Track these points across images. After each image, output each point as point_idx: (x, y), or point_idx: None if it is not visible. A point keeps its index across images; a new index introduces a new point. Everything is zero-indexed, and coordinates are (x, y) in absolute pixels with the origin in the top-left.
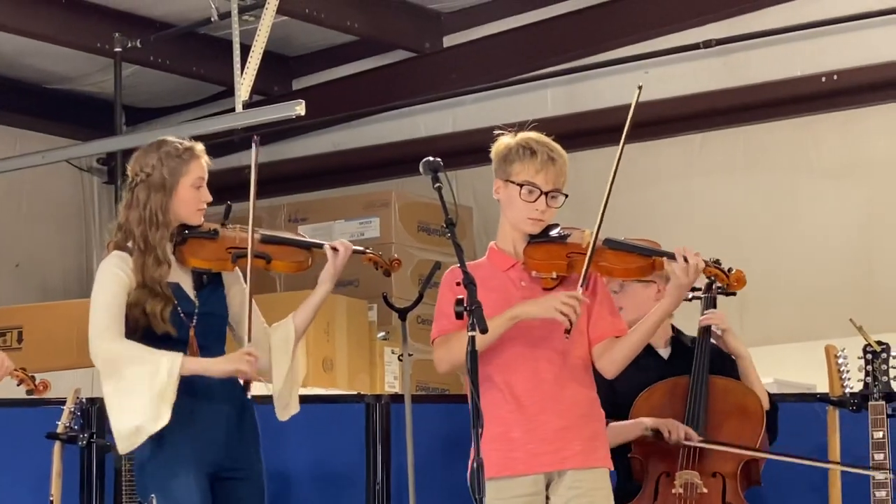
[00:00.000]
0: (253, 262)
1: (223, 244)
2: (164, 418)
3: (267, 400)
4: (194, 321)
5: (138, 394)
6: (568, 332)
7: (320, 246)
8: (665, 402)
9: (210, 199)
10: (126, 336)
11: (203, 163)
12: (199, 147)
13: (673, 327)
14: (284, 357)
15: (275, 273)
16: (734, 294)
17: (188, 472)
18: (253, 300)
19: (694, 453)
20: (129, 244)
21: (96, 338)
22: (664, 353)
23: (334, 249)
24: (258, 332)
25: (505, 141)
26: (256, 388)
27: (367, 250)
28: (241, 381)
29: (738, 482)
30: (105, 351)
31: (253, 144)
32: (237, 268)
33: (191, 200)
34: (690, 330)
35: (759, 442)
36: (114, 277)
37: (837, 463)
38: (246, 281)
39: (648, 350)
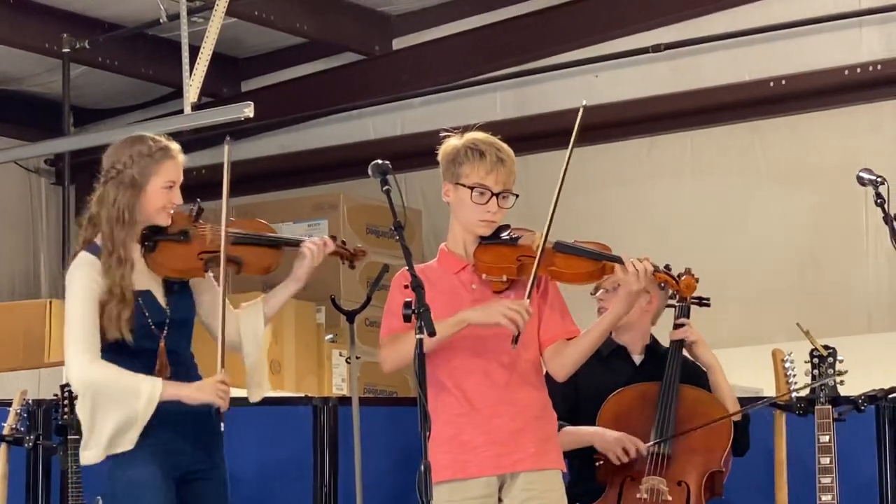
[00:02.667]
0: (224, 268)
1: (194, 249)
2: (133, 441)
3: None
4: (165, 331)
5: (115, 417)
6: (515, 340)
7: (295, 243)
8: (634, 406)
9: (180, 201)
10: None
11: (177, 164)
12: (175, 147)
13: (652, 336)
14: (254, 341)
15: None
16: (708, 304)
17: (153, 474)
18: (227, 306)
19: (662, 460)
20: (97, 240)
21: (74, 360)
22: (637, 359)
23: (310, 248)
24: (229, 322)
25: (452, 143)
26: None
27: (336, 248)
28: (214, 410)
29: (703, 493)
30: (84, 374)
31: (226, 145)
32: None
33: (159, 201)
34: (665, 337)
35: (724, 454)
36: (87, 291)
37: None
38: (220, 286)
39: (623, 354)
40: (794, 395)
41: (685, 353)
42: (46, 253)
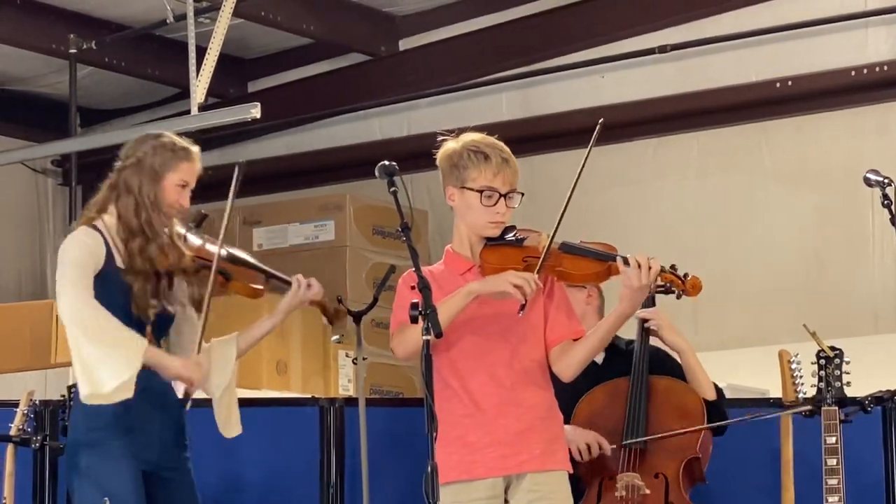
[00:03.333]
0: (214, 276)
1: (190, 250)
2: (112, 392)
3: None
4: (152, 320)
5: (103, 354)
6: (522, 308)
7: (285, 281)
8: (606, 405)
9: (189, 205)
10: None
11: (194, 167)
12: (196, 151)
13: None
14: (223, 373)
15: (230, 293)
16: (674, 293)
17: (126, 466)
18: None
19: (634, 455)
20: (99, 224)
21: (68, 290)
22: (598, 357)
23: (298, 286)
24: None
25: (451, 146)
26: (198, 392)
27: (323, 299)
28: (182, 394)
29: (682, 481)
30: (79, 302)
31: (236, 168)
32: (186, 281)
33: (171, 198)
34: (627, 332)
35: (699, 439)
36: (83, 245)
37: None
38: (207, 293)
39: None
40: (800, 396)
41: (655, 342)
42: (53, 253)
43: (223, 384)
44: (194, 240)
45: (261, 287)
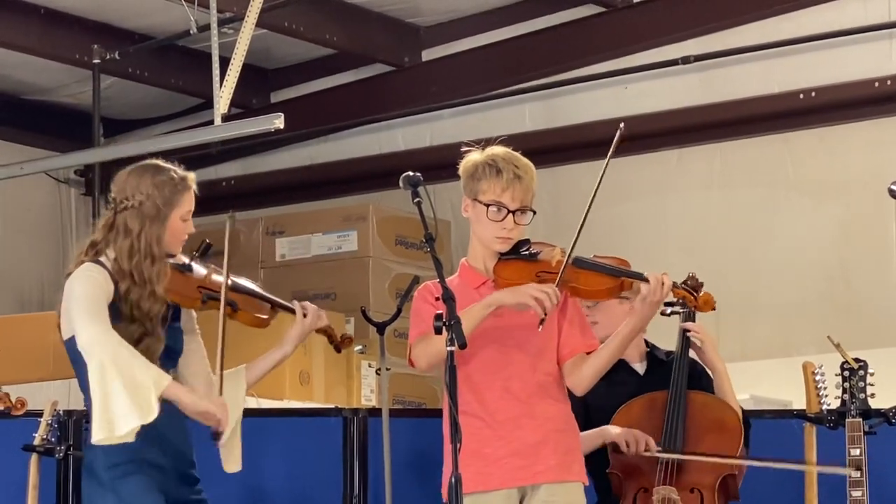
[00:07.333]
0: (224, 307)
1: (194, 282)
2: (134, 429)
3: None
4: (160, 357)
5: (125, 390)
6: (542, 321)
7: (289, 309)
8: (643, 417)
9: (193, 230)
10: None
11: (192, 194)
12: (192, 177)
13: (646, 342)
14: (234, 412)
15: (236, 322)
16: (688, 311)
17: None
18: (203, 347)
19: (672, 468)
20: (103, 259)
21: (88, 326)
22: (639, 368)
23: (304, 315)
24: (205, 377)
25: (472, 158)
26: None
27: (328, 326)
28: (212, 431)
29: (717, 498)
30: (101, 336)
31: (227, 219)
32: (195, 312)
33: (178, 232)
34: (667, 345)
35: (737, 455)
36: (92, 279)
37: (813, 464)
38: (220, 325)
39: (623, 366)
40: (824, 407)
41: (692, 355)
42: None
43: (234, 423)
44: (199, 269)
45: (266, 317)
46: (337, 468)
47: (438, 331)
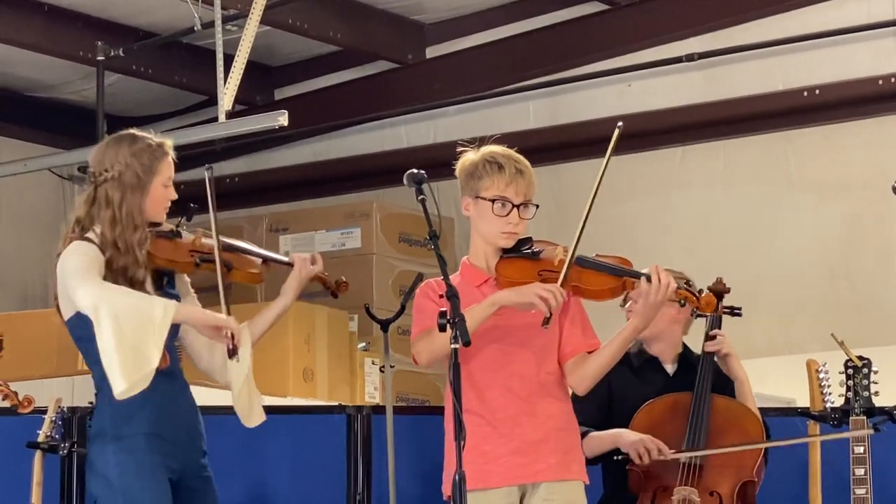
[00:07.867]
0: (215, 267)
1: (185, 247)
2: (155, 359)
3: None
4: None
5: (134, 331)
6: (547, 321)
7: (282, 262)
8: (666, 417)
9: (175, 197)
10: None
11: (171, 161)
12: (169, 143)
13: (683, 344)
14: (240, 364)
15: (231, 281)
16: (739, 314)
17: (152, 476)
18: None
19: (694, 470)
20: (91, 235)
21: (83, 283)
22: (670, 368)
23: (298, 256)
24: (210, 351)
25: (469, 157)
26: (223, 399)
27: (322, 272)
28: (228, 347)
29: (735, 503)
30: (97, 290)
31: (206, 173)
32: (188, 276)
33: (160, 199)
34: (698, 346)
35: (757, 462)
36: (83, 252)
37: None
38: (220, 285)
39: (656, 365)
40: (828, 405)
41: (717, 362)
42: None
43: (240, 378)
44: (187, 235)
45: (258, 272)
46: (341, 465)
47: (442, 328)
